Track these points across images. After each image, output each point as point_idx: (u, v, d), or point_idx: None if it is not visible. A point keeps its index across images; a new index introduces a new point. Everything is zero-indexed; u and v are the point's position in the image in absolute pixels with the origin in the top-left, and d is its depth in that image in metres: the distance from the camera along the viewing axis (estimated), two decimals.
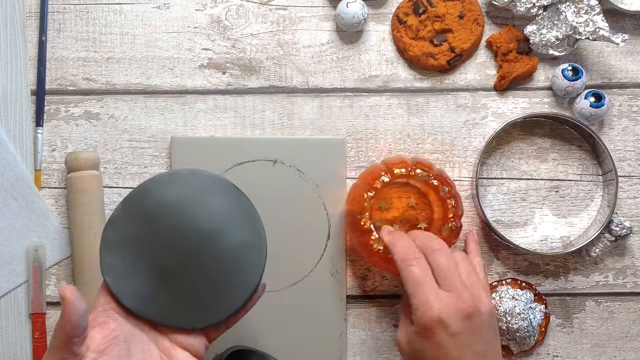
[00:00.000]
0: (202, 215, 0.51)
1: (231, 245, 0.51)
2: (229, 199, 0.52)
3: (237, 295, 0.51)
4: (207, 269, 0.51)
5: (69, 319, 0.45)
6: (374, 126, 0.71)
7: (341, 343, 0.69)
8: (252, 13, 0.71)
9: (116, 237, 0.51)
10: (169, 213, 0.51)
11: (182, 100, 0.70)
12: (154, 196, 0.52)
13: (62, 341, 0.46)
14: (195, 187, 0.52)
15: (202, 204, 0.52)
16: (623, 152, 0.71)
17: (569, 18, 0.68)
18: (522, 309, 0.65)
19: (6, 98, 0.68)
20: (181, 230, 0.51)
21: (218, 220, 0.51)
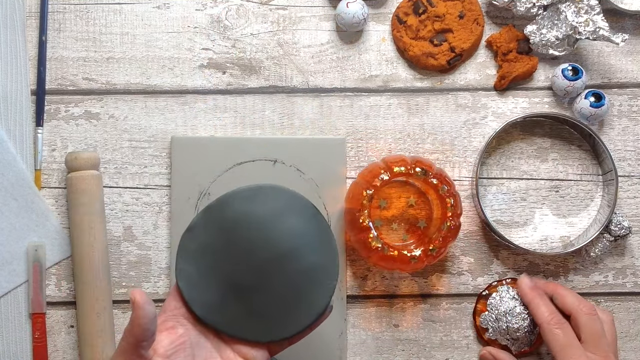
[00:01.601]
0: (280, 234, 0.52)
1: (305, 267, 0.52)
2: (307, 219, 0.53)
3: (305, 315, 0.52)
4: (279, 286, 0.52)
5: (138, 322, 0.46)
6: (374, 126, 0.71)
7: (341, 343, 0.69)
8: (252, 13, 0.71)
9: (193, 245, 0.53)
10: (247, 228, 0.52)
11: (182, 100, 0.70)
12: (235, 209, 0.53)
13: (131, 345, 0.46)
14: (276, 204, 0.53)
15: (281, 222, 0.52)
16: (623, 152, 0.71)
17: (569, 18, 0.68)
18: (522, 309, 0.65)
19: (6, 98, 0.68)
20: (258, 246, 0.52)
21: (295, 240, 0.52)
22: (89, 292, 0.66)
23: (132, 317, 0.46)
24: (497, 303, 0.66)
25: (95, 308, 0.66)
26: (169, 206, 0.69)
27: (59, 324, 0.69)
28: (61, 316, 0.69)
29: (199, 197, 0.68)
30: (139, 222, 0.69)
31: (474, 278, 0.70)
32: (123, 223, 0.69)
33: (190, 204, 0.68)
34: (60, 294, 0.69)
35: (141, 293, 0.46)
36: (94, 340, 0.65)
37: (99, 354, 0.66)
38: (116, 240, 0.69)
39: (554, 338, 0.59)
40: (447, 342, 0.70)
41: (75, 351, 0.69)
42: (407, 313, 0.70)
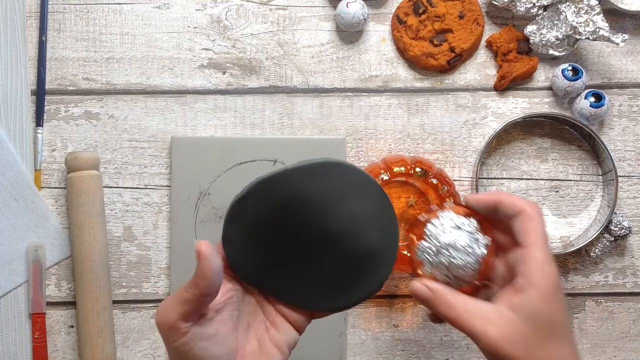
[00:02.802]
0: (339, 215, 0.49)
1: (362, 249, 0.50)
2: (370, 201, 0.50)
3: (352, 295, 0.51)
4: (331, 264, 0.50)
5: (204, 275, 0.44)
6: (374, 126, 0.71)
7: (341, 343, 0.69)
8: (252, 13, 0.71)
9: (243, 215, 0.50)
10: (305, 206, 0.49)
11: (182, 100, 0.70)
12: (293, 187, 0.49)
13: (196, 297, 0.44)
14: (338, 183, 0.49)
15: (342, 203, 0.49)
16: (623, 152, 0.71)
17: (569, 18, 0.68)
18: (467, 242, 0.53)
19: (6, 98, 0.68)
20: (314, 224, 0.49)
21: (355, 223, 0.49)
22: (89, 292, 0.66)
23: (198, 270, 0.44)
24: (438, 232, 0.54)
25: (95, 308, 0.66)
26: (169, 206, 0.69)
27: (59, 324, 0.69)
28: (61, 316, 0.69)
29: (199, 197, 0.68)
30: (139, 222, 0.69)
31: None
32: (123, 223, 0.69)
33: (190, 204, 0.68)
34: (60, 294, 0.69)
35: (207, 244, 0.44)
36: (94, 340, 0.65)
37: (99, 354, 0.66)
38: (116, 240, 0.69)
39: (539, 225, 0.52)
40: (447, 342, 0.70)
41: (75, 351, 0.69)
42: (407, 313, 0.70)
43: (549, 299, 0.49)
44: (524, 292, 0.49)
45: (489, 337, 0.48)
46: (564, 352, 0.50)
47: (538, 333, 0.48)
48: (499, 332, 0.48)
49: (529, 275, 0.49)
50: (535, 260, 0.49)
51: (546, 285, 0.49)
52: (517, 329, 0.48)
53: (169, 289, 0.69)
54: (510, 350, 0.48)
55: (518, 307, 0.49)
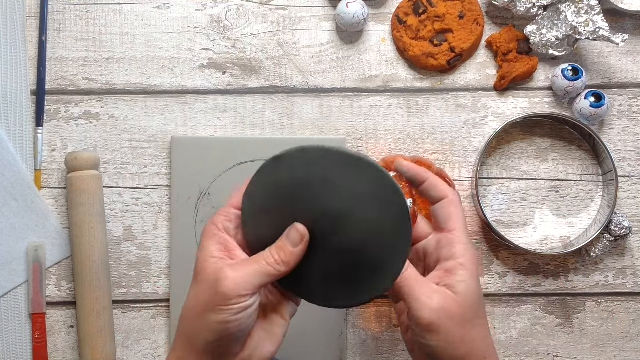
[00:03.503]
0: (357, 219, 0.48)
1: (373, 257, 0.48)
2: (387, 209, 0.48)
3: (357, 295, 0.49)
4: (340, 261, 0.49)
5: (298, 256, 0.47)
6: (374, 126, 0.71)
7: (341, 343, 0.69)
8: (252, 13, 0.71)
9: (272, 175, 0.49)
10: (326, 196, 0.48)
11: (182, 100, 0.70)
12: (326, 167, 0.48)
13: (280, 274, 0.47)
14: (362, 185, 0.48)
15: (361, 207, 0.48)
16: (623, 152, 0.71)
17: (569, 18, 0.68)
18: None
19: (6, 98, 0.68)
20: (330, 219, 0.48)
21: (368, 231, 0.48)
22: (89, 292, 0.66)
23: (295, 250, 0.47)
24: None
25: (95, 308, 0.66)
26: (169, 206, 0.69)
27: (59, 324, 0.69)
28: (61, 316, 0.69)
29: (199, 197, 0.68)
30: (139, 222, 0.69)
31: None
32: (123, 223, 0.69)
33: (190, 204, 0.68)
34: (60, 294, 0.69)
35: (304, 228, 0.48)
36: (94, 340, 0.65)
37: (99, 354, 0.66)
38: (116, 240, 0.69)
39: (461, 211, 0.54)
40: None
41: (75, 351, 0.69)
42: None
43: (477, 280, 0.51)
44: (457, 272, 0.50)
45: (432, 308, 0.48)
46: (486, 330, 0.51)
47: (473, 311, 0.49)
48: (441, 305, 0.48)
49: (460, 257, 0.50)
50: (463, 243, 0.51)
51: (473, 267, 0.51)
52: (456, 304, 0.49)
53: (169, 288, 0.69)
54: (448, 324, 0.48)
55: (454, 287, 0.50)
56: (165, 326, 0.69)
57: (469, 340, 0.49)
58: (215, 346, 0.46)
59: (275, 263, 0.47)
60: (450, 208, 0.53)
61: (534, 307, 0.70)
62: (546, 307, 0.70)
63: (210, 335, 0.46)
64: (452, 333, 0.48)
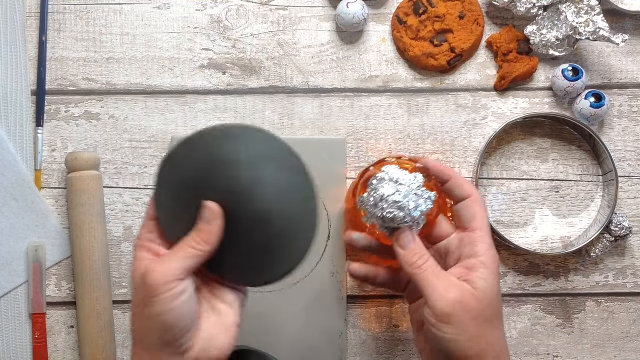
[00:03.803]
0: (262, 184, 0.49)
1: (283, 221, 0.49)
2: (293, 173, 0.50)
3: (275, 268, 0.50)
4: (255, 234, 0.49)
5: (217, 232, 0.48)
6: (374, 126, 0.71)
7: (341, 343, 0.69)
8: (252, 13, 0.71)
9: (171, 175, 0.50)
10: (230, 168, 0.49)
11: (182, 100, 0.70)
12: (220, 148, 0.50)
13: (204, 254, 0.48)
14: (263, 151, 0.50)
15: (265, 172, 0.49)
16: (623, 152, 0.71)
17: (569, 18, 0.68)
18: (402, 197, 0.53)
19: (6, 98, 0.68)
20: (238, 188, 0.49)
21: (277, 194, 0.49)
22: (89, 292, 0.66)
23: (211, 227, 0.47)
24: (377, 186, 0.54)
25: (95, 308, 0.66)
26: None
27: (59, 324, 0.69)
28: (61, 316, 0.69)
29: None
30: (139, 222, 0.69)
31: None
32: (123, 223, 0.69)
33: None
34: (60, 294, 0.69)
35: (217, 205, 0.48)
36: (94, 340, 0.65)
37: (99, 354, 0.66)
38: (116, 240, 0.69)
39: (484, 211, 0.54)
40: None
41: (75, 351, 0.69)
42: (407, 313, 0.70)
43: (496, 280, 0.51)
44: (477, 269, 0.50)
45: (449, 299, 0.48)
46: (502, 332, 0.51)
47: (491, 309, 0.49)
48: (458, 298, 0.48)
49: (481, 256, 0.51)
50: (485, 243, 0.51)
51: (494, 266, 0.51)
52: (474, 299, 0.49)
53: None
54: (464, 318, 0.48)
55: (473, 282, 0.50)
56: None
57: (484, 338, 0.49)
58: (164, 341, 0.46)
59: (196, 244, 0.48)
60: (474, 207, 0.53)
61: (534, 307, 0.70)
62: (546, 307, 0.70)
63: (155, 332, 0.46)
64: (467, 327, 0.48)
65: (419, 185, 0.54)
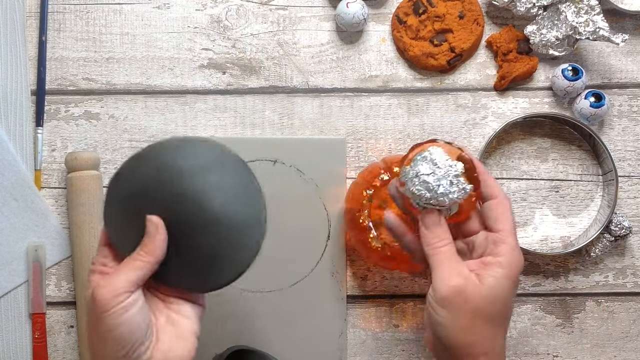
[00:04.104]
0: (204, 188, 0.50)
1: (229, 223, 0.50)
2: (234, 174, 0.52)
3: (225, 271, 0.51)
4: (203, 240, 0.50)
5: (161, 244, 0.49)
6: (374, 126, 0.71)
7: (341, 343, 0.69)
8: (252, 13, 0.71)
9: (120, 192, 0.52)
10: (172, 180, 0.50)
11: (182, 100, 0.70)
12: (162, 160, 0.51)
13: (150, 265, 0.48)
14: (203, 158, 0.51)
15: (207, 176, 0.51)
16: (623, 152, 0.71)
17: (569, 18, 0.68)
18: (434, 180, 0.53)
19: (6, 98, 0.68)
20: (182, 199, 0.50)
21: (220, 196, 0.50)
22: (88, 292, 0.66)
23: (155, 239, 0.48)
24: (418, 162, 0.54)
25: None
26: None
27: (59, 324, 0.69)
28: (61, 316, 0.69)
29: None
30: None
31: None
32: None
33: None
34: (60, 294, 0.69)
35: (158, 217, 0.49)
36: None
37: None
38: None
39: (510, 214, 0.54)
40: None
41: (75, 351, 0.69)
42: (407, 313, 0.70)
43: (510, 284, 0.50)
44: (492, 267, 0.50)
45: (450, 284, 0.48)
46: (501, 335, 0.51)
47: (494, 309, 0.49)
48: (460, 286, 0.49)
49: (500, 256, 0.51)
50: (508, 245, 0.51)
51: (512, 270, 0.50)
52: (477, 293, 0.49)
53: None
54: (461, 306, 0.48)
55: (483, 277, 0.50)
56: None
57: (478, 333, 0.49)
58: (121, 355, 0.47)
59: (141, 257, 0.48)
60: (498, 209, 0.53)
61: (534, 307, 0.70)
62: (546, 307, 0.70)
63: (110, 347, 0.47)
64: (462, 317, 0.48)
65: (457, 174, 0.54)
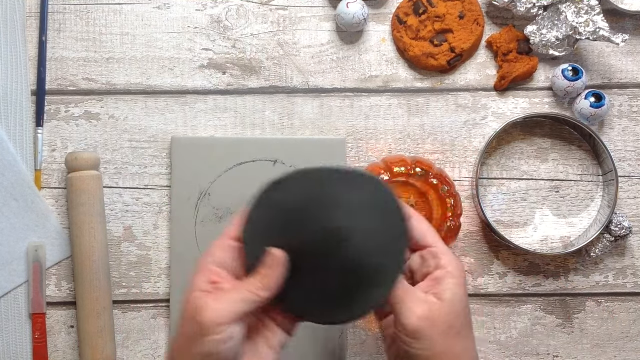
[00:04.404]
0: (356, 226, 0.49)
1: (369, 264, 0.49)
2: (387, 217, 0.50)
3: (349, 310, 0.50)
4: (331, 277, 0.49)
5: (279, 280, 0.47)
6: (374, 126, 0.71)
7: (341, 343, 0.69)
8: (252, 13, 0.71)
9: (271, 199, 0.50)
10: (325, 207, 0.49)
11: (182, 100, 0.70)
12: (325, 186, 0.50)
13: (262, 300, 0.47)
14: (362, 195, 0.50)
15: (362, 214, 0.49)
16: (623, 152, 0.71)
17: (569, 18, 0.68)
18: None
19: (6, 98, 0.68)
20: (331, 231, 0.49)
21: (369, 239, 0.49)
22: (89, 292, 0.66)
23: (275, 274, 0.47)
24: None
25: (95, 308, 0.66)
26: (169, 206, 0.69)
27: (59, 324, 0.69)
28: (61, 316, 0.69)
29: (199, 197, 0.68)
30: (139, 222, 0.69)
31: (474, 278, 0.70)
32: (123, 223, 0.69)
33: (190, 204, 0.68)
34: (60, 294, 0.69)
35: (281, 252, 0.48)
36: (94, 340, 0.65)
37: (99, 354, 0.66)
38: (116, 240, 0.69)
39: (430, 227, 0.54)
40: None
41: (75, 351, 0.69)
42: None
43: (464, 291, 0.50)
44: (444, 280, 0.50)
45: (418, 315, 0.48)
46: (472, 342, 0.51)
47: (460, 320, 0.49)
48: (426, 313, 0.48)
49: (447, 267, 0.50)
50: (448, 254, 0.51)
51: (461, 276, 0.51)
52: (442, 312, 0.49)
53: (169, 288, 0.69)
54: (433, 332, 0.48)
55: (441, 294, 0.49)
56: (165, 326, 0.69)
57: (452, 351, 0.49)
58: None
59: (255, 289, 0.47)
60: (420, 226, 0.53)
61: (534, 307, 0.70)
62: (546, 307, 0.70)
63: None
64: (436, 342, 0.48)
65: None
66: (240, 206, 0.68)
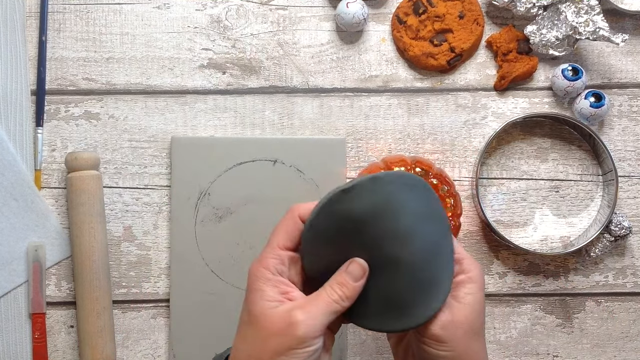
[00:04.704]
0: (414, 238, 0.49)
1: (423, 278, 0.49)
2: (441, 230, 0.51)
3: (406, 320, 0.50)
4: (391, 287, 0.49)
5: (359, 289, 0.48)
6: (374, 126, 0.71)
7: (341, 343, 0.69)
8: (252, 13, 0.71)
9: (338, 205, 0.49)
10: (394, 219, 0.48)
11: (182, 100, 0.70)
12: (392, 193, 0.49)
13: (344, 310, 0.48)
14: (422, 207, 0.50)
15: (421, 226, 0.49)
16: (623, 152, 0.71)
17: (569, 18, 0.68)
18: None
19: (6, 98, 0.69)
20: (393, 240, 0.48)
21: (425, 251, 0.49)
22: (89, 292, 0.66)
23: (357, 285, 0.48)
24: None
25: (95, 308, 0.66)
26: (169, 206, 0.69)
27: (59, 324, 0.69)
28: (61, 316, 0.69)
29: (199, 197, 0.68)
30: (139, 222, 0.69)
31: None
32: (123, 223, 0.69)
33: (190, 204, 0.68)
34: (60, 294, 0.69)
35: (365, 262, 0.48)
36: (94, 340, 0.65)
37: (99, 354, 0.66)
38: (116, 240, 0.69)
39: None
40: None
41: (75, 351, 0.69)
42: None
43: (483, 294, 0.52)
44: (466, 285, 0.51)
45: (442, 319, 0.49)
46: (484, 345, 0.52)
47: (479, 322, 0.51)
48: (450, 317, 0.49)
49: (469, 272, 0.52)
50: (469, 258, 0.53)
51: (482, 280, 0.52)
52: (464, 315, 0.50)
53: (169, 288, 0.69)
54: (457, 334, 0.49)
55: (463, 298, 0.51)
56: (165, 326, 0.69)
57: (472, 350, 0.50)
58: None
59: (339, 299, 0.48)
60: None
61: (534, 307, 0.70)
62: (546, 307, 0.70)
63: None
64: (460, 342, 0.49)
65: None
66: (240, 206, 0.68)
